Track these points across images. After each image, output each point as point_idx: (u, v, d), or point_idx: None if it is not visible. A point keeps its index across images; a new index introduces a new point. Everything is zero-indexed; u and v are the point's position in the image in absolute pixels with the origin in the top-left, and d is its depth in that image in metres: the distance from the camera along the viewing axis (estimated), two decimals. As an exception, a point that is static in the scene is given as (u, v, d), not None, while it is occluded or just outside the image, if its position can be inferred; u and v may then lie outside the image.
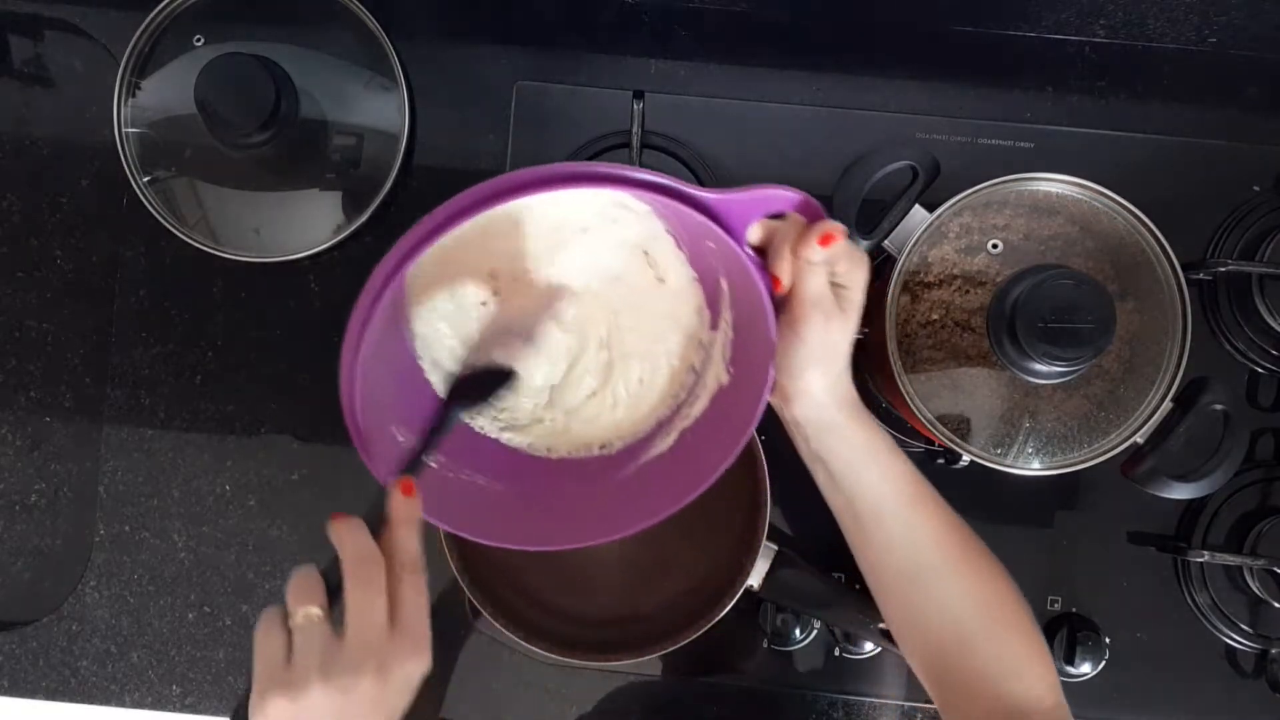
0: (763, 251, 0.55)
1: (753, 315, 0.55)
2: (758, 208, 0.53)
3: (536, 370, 0.61)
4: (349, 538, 0.49)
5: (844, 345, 0.58)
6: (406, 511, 0.51)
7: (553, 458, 0.64)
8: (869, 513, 0.60)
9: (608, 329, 0.62)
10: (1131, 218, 0.67)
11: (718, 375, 0.61)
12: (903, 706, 0.85)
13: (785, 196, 0.53)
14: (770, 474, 0.77)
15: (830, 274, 0.56)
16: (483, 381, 0.59)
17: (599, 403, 0.63)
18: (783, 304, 0.56)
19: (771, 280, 0.54)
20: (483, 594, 0.79)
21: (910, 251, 0.68)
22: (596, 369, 0.62)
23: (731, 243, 0.52)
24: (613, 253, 0.59)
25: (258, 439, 0.87)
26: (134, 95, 0.82)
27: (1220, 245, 0.83)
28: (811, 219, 0.54)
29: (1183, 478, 0.67)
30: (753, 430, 0.57)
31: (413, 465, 0.54)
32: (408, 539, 0.50)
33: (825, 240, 0.52)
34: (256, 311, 0.86)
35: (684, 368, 0.62)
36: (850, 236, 0.68)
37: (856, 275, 0.56)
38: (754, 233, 0.54)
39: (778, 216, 0.54)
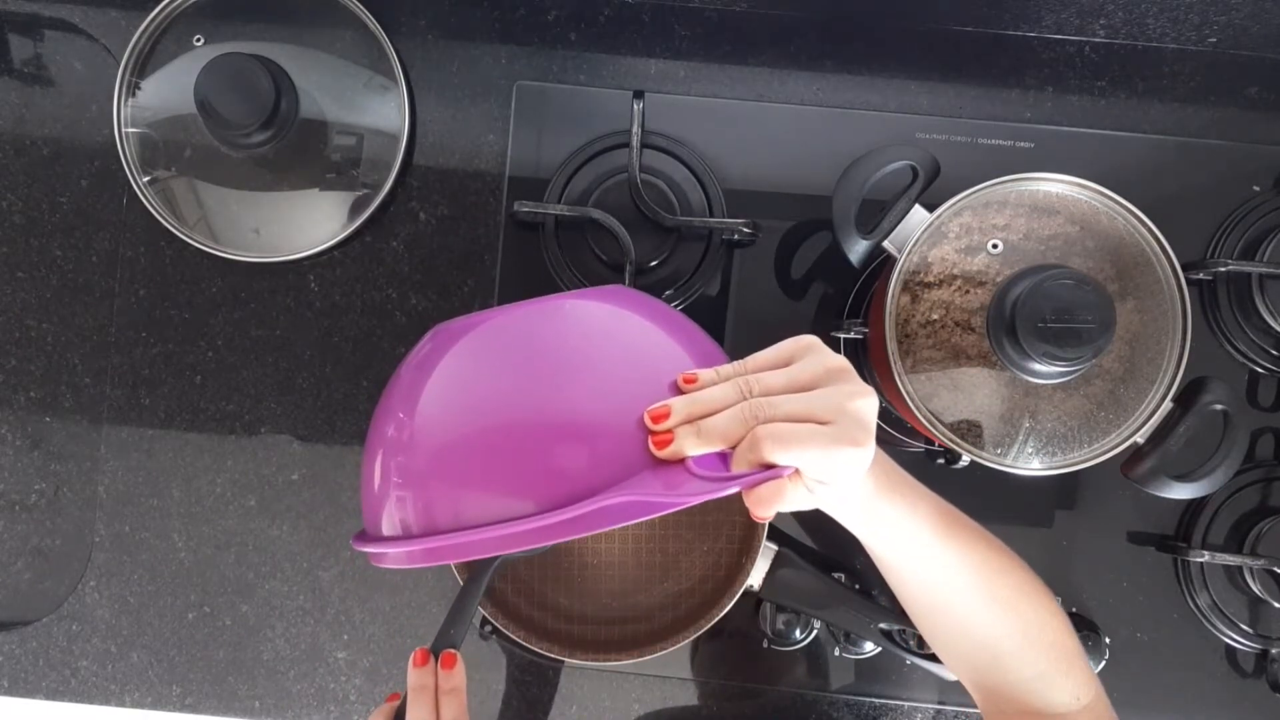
0: None
1: None
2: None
3: None
4: (412, 712, 0.61)
5: (837, 497, 0.53)
6: (450, 683, 0.61)
7: None
8: (898, 560, 0.60)
9: None
10: (1131, 218, 0.67)
11: None
12: (903, 706, 0.85)
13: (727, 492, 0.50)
14: (770, 474, 0.77)
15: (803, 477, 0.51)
16: None
17: None
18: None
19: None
20: (483, 594, 0.79)
21: (910, 251, 0.68)
22: None
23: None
24: None
25: (258, 439, 0.87)
26: (134, 95, 0.82)
27: (1220, 245, 0.83)
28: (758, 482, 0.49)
29: (1183, 478, 0.67)
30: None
31: (451, 640, 0.62)
32: (449, 706, 0.61)
33: (757, 519, 0.51)
34: (256, 311, 0.86)
35: None
36: (848, 241, 0.69)
37: (829, 471, 0.49)
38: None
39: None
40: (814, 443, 0.47)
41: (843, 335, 0.78)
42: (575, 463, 0.49)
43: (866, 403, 0.49)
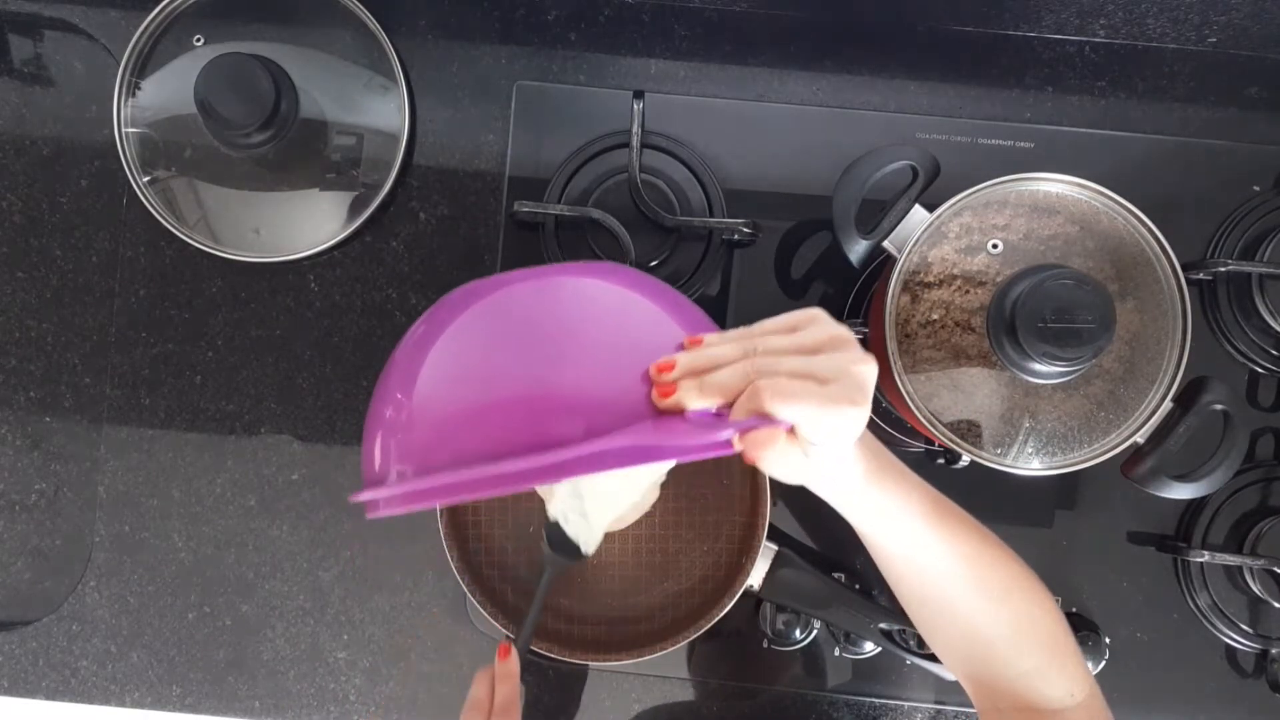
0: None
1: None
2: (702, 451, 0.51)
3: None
4: (473, 688, 0.70)
5: (826, 467, 0.54)
6: (503, 670, 0.69)
7: None
8: (890, 547, 0.61)
9: None
10: (1131, 218, 0.67)
11: None
12: (903, 706, 0.85)
13: (718, 445, 0.50)
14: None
15: (799, 438, 0.51)
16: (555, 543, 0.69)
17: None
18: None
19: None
20: (483, 593, 0.79)
21: (910, 251, 0.68)
22: None
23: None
24: None
25: (258, 439, 0.87)
26: (134, 95, 0.82)
27: (1220, 245, 0.83)
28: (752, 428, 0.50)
29: (1183, 478, 0.67)
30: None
31: (516, 637, 0.72)
32: (501, 690, 0.69)
33: (748, 460, 0.50)
34: (256, 311, 0.86)
35: None
36: (848, 242, 0.69)
37: (824, 429, 0.50)
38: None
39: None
40: (811, 399, 0.48)
41: (843, 335, 0.78)
42: (572, 436, 0.50)
43: (868, 368, 0.50)
